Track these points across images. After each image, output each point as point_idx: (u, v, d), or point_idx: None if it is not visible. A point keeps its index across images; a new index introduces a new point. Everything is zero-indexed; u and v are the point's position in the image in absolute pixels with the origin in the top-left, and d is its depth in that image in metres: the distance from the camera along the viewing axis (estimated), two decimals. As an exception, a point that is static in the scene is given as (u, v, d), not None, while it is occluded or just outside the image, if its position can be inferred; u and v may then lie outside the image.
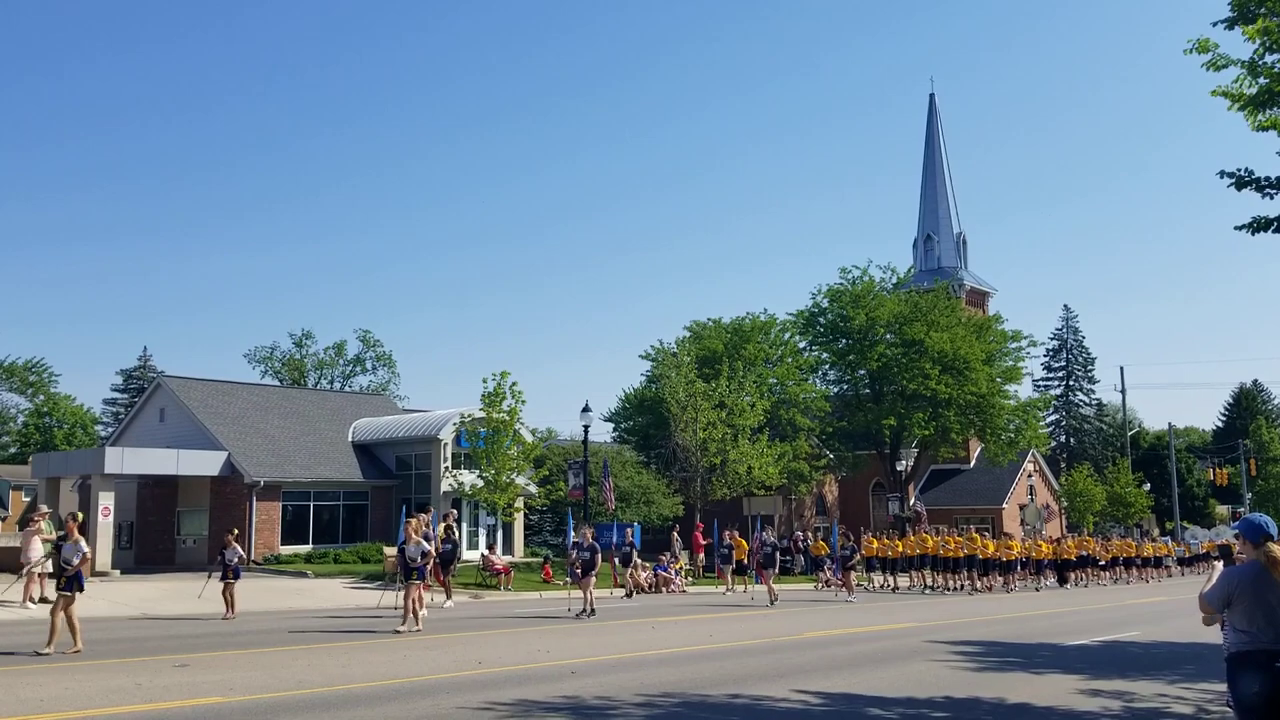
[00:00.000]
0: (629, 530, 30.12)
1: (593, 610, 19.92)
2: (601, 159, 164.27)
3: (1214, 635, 6.84)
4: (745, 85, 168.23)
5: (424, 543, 17.21)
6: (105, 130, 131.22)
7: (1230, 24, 12.70)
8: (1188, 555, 49.35)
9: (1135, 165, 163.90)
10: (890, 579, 33.22)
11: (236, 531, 21.10)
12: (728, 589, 29.83)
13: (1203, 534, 57.35)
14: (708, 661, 13.53)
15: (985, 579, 32.27)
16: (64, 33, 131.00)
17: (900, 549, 33.23)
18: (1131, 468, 65.16)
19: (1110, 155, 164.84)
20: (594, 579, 20.44)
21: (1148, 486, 64.94)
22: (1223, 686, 6.97)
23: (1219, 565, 6.59)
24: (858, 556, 29.07)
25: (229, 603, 19.15)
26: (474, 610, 22.36)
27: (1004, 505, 58.40)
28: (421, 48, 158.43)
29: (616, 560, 29.63)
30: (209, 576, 20.90)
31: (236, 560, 19.38)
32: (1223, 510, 76.79)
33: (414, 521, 17.61)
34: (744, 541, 31.31)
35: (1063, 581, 36.53)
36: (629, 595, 27.83)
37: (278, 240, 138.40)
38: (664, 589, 29.80)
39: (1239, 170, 13.14)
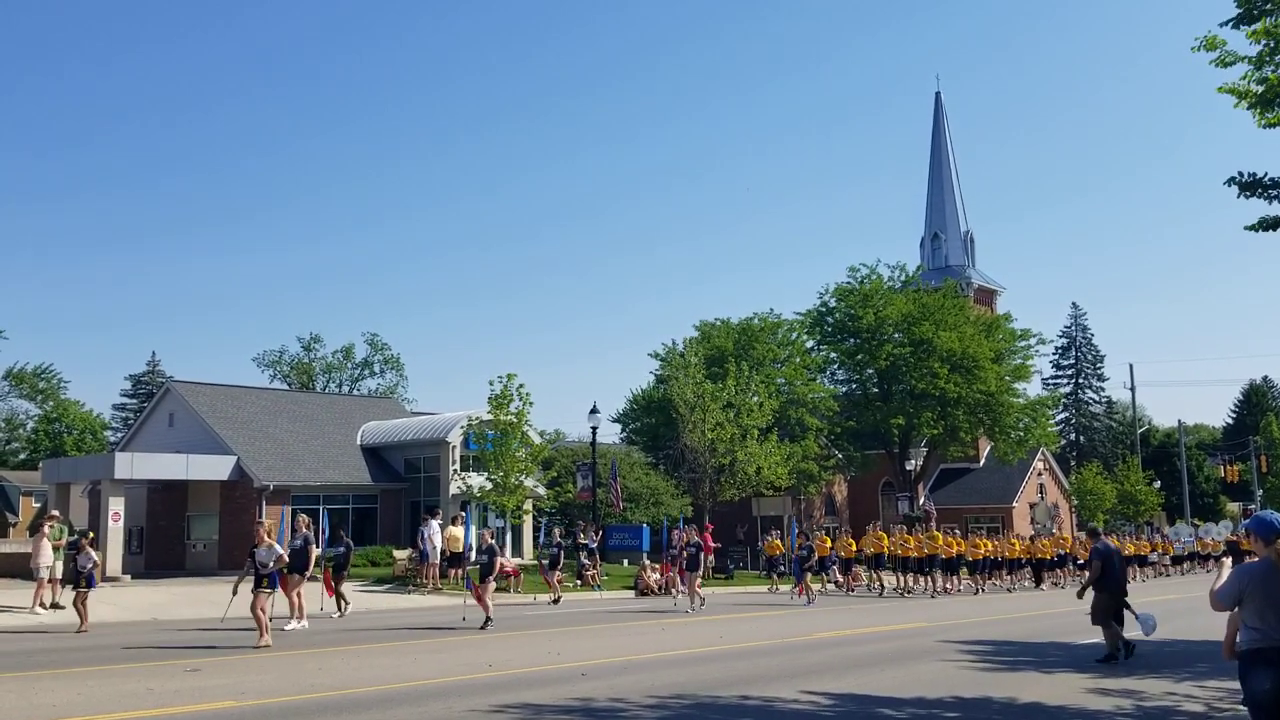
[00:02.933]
0: (556, 530, 28.15)
1: (489, 619, 17.90)
2: (607, 159, 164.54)
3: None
4: (751, 84, 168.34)
5: (276, 546, 15.18)
6: (108, 133, 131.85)
7: (1237, 23, 12.68)
8: (1183, 554, 47.78)
9: (1143, 162, 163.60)
10: (846, 580, 31.63)
11: (92, 535, 18.47)
12: (677, 592, 26.65)
13: (1186, 531, 56.16)
14: (717, 663, 13.52)
15: (952, 579, 30.94)
16: (67, 34, 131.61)
17: (854, 548, 31.65)
18: (1142, 465, 65.01)
19: (1118, 152, 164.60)
20: (492, 585, 18.43)
21: (1158, 484, 64.78)
22: (1235, 684, 6.95)
23: (1228, 562, 6.58)
24: (815, 558, 27.55)
25: (81, 614, 17.12)
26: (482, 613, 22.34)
27: (1014, 504, 58.34)
28: (426, 48, 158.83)
29: (544, 563, 27.48)
30: (61, 586, 18.65)
31: (91, 567, 17.30)
32: (1233, 507, 76.58)
33: (267, 523, 15.71)
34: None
35: (1038, 581, 34.80)
36: (555, 601, 25.62)
37: (284, 243, 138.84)
38: (672, 590, 29.75)
39: (1242, 174, 13.14)
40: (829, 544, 31.20)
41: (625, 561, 35.51)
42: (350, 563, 22.16)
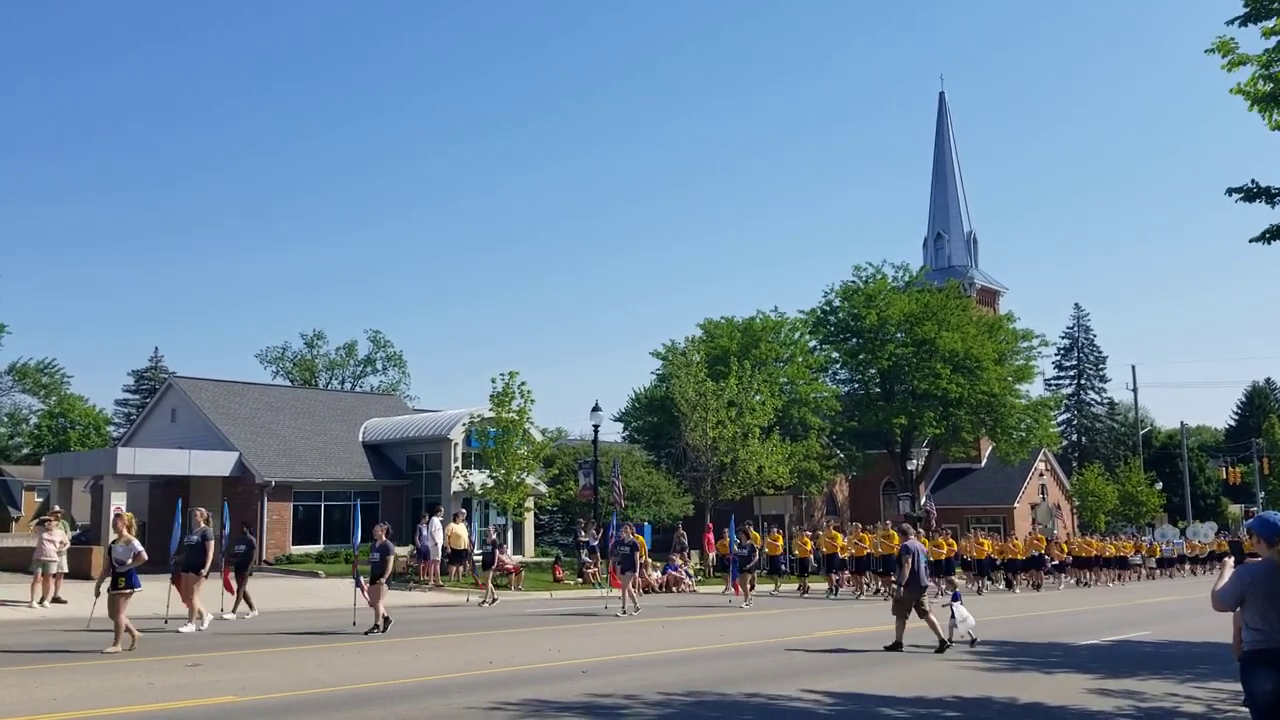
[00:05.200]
0: (491, 527, 26.40)
1: (384, 625, 16.43)
2: (610, 158, 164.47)
3: (1228, 634, 6.81)
4: (753, 84, 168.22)
5: (135, 542, 13.81)
6: (112, 132, 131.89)
7: (1244, 21, 12.64)
8: (1169, 557, 46.36)
9: (1146, 163, 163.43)
10: (803, 581, 30.19)
11: None
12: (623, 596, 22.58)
13: (1174, 533, 55.19)
14: (718, 661, 13.53)
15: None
16: (72, 34, 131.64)
17: (809, 548, 30.68)
18: (1143, 467, 64.90)
19: (1121, 153, 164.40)
20: (384, 586, 16.83)
21: (1160, 485, 64.66)
22: (1236, 685, 6.95)
23: (1230, 563, 6.58)
24: (757, 557, 25.92)
25: None
26: (485, 610, 22.38)
27: (1015, 505, 58.32)
28: (429, 48, 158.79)
29: (478, 562, 25.38)
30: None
31: None
32: (1235, 509, 76.52)
33: (127, 516, 14.29)
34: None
35: (1010, 585, 33.28)
36: (487, 602, 23.52)
37: (288, 241, 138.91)
38: (674, 589, 29.79)
39: (1248, 184, 13.10)
40: (780, 542, 30.33)
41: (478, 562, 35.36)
42: (253, 561, 20.13)
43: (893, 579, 19.86)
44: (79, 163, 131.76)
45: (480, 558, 25.03)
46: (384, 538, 17.11)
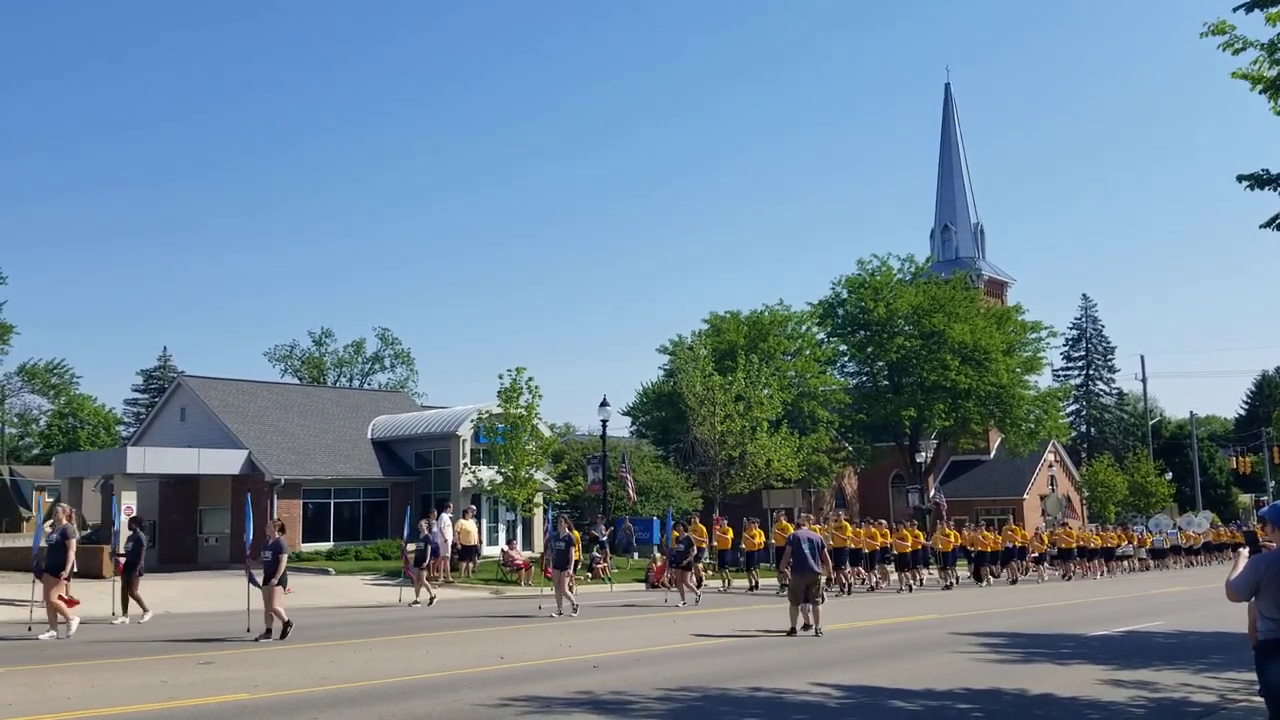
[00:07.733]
0: (423, 523, 24.13)
1: (283, 630, 14.96)
2: (616, 154, 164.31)
3: (1240, 624, 6.78)
4: (761, 78, 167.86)
5: None
6: (120, 131, 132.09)
7: (1249, 8, 12.52)
8: (1164, 547, 44.45)
9: (1154, 153, 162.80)
10: (755, 575, 28.92)
11: None
12: (557, 595, 20.36)
13: (1168, 523, 54.38)
14: (728, 655, 13.52)
15: (875, 572, 28.78)
16: (83, 30, 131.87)
17: (760, 541, 29.35)
18: (1153, 457, 64.73)
19: (1129, 143, 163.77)
20: (280, 589, 15.25)
21: (1169, 476, 64.48)
22: (1249, 675, 6.93)
23: (1244, 553, 6.55)
24: (694, 552, 24.18)
25: None
26: (495, 606, 22.41)
27: (1025, 496, 58.25)
28: (438, 44, 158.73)
29: (411, 560, 23.73)
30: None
31: None
32: (1245, 499, 76.31)
33: None
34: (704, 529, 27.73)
35: (978, 577, 31.97)
36: (427, 602, 22.27)
37: (296, 239, 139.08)
38: (681, 588, 29.71)
39: (1259, 171, 12.99)
40: (730, 535, 29.68)
41: (636, 554, 35.54)
42: (143, 559, 18.77)
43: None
44: (85, 162, 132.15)
45: (414, 553, 23.24)
46: (277, 535, 15.66)
